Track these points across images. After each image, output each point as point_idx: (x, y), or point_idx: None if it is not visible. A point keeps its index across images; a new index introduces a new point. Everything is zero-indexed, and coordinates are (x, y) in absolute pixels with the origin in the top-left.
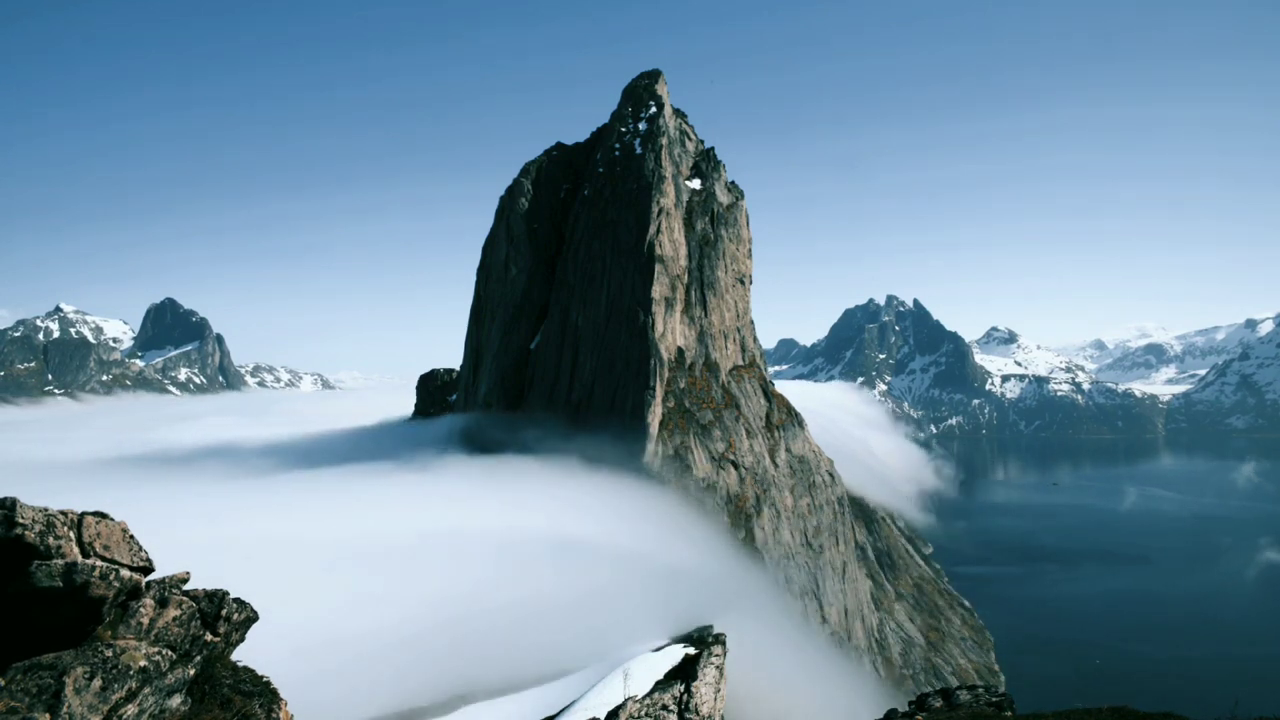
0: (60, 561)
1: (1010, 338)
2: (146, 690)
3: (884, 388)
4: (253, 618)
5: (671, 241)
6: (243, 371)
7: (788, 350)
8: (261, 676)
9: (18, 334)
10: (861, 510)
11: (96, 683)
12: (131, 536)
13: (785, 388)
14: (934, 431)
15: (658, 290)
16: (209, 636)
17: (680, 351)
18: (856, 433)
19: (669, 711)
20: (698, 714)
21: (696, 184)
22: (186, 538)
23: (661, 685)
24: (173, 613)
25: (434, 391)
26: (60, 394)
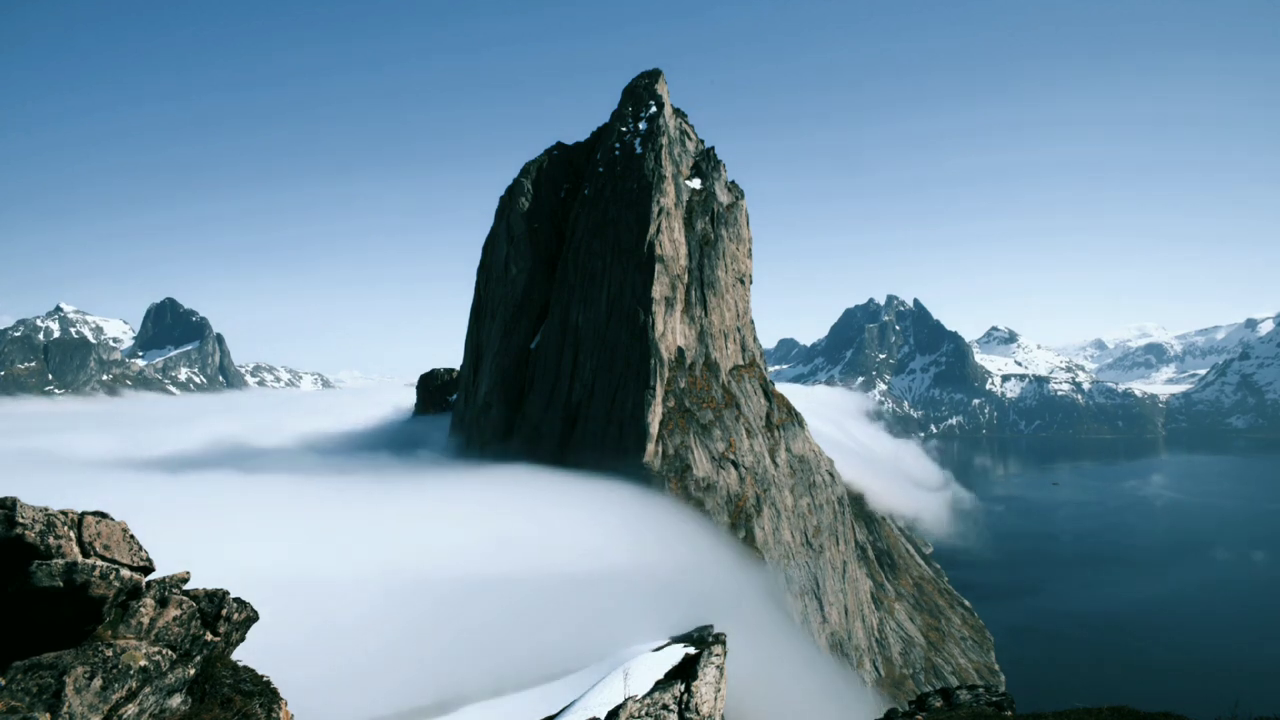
0: (60, 561)
1: (1010, 337)
2: (147, 690)
3: (884, 387)
4: (253, 617)
5: (672, 241)
6: (243, 371)
7: (788, 350)
8: (261, 676)
9: (18, 334)
10: (861, 510)
11: (97, 682)
12: (132, 536)
13: (785, 388)
14: (934, 431)
15: (658, 290)
16: (209, 636)
17: (680, 351)
18: (856, 432)
19: (669, 711)
20: (698, 714)
21: (696, 184)
22: (186, 536)
23: (661, 685)
24: (173, 612)
25: (434, 391)
26: (61, 394)
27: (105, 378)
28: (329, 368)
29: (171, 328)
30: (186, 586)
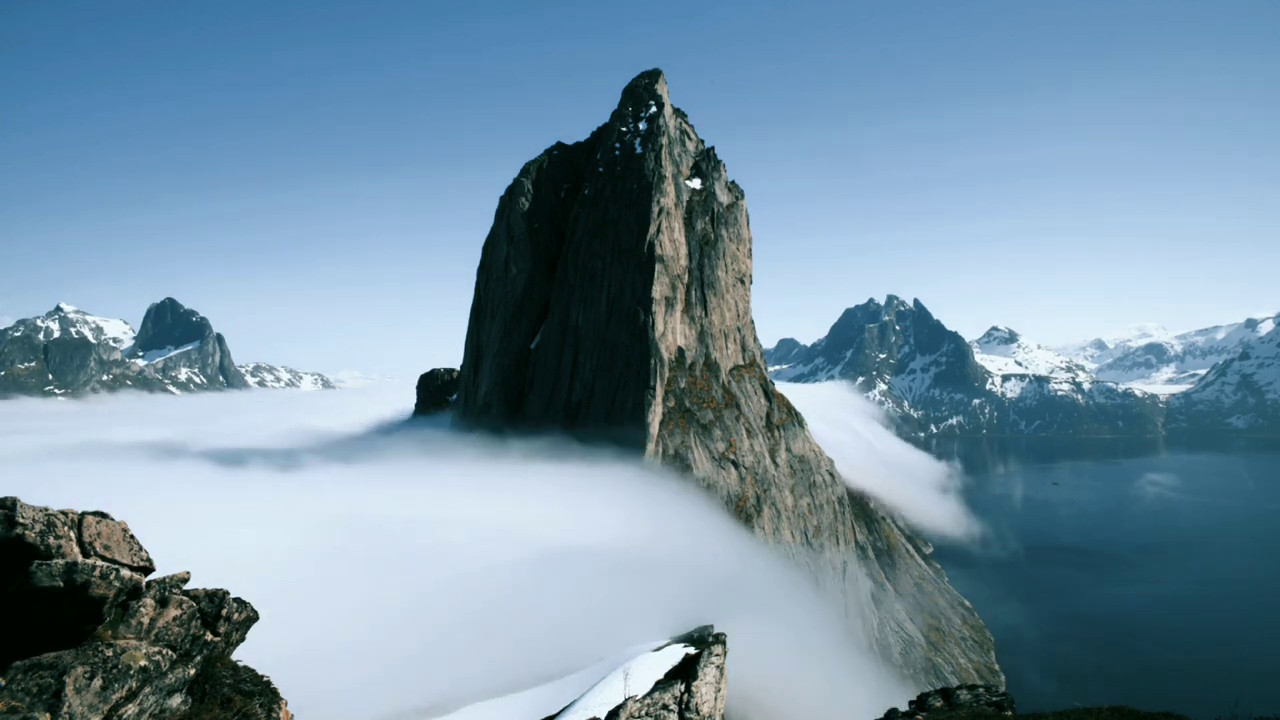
0: (61, 561)
1: (1010, 337)
2: (147, 690)
3: (884, 387)
4: (253, 617)
5: (672, 241)
6: (243, 371)
7: (788, 350)
8: (262, 676)
9: (18, 334)
10: (861, 510)
11: (97, 682)
12: (132, 536)
13: (785, 387)
14: (934, 431)
15: (658, 290)
16: (209, 636)
17: (680, 351)
18: (856, 432)
19: (669, 711)
20: (698, 714)
21: (697, 183)
22: (185, 539)
23: (662, 685)
24: (173, 612)
25: (434, 391)
26: (61, 394)
27: (105, 378)
28: (329, 368)
29: (171, 328)
30: (186, 586)
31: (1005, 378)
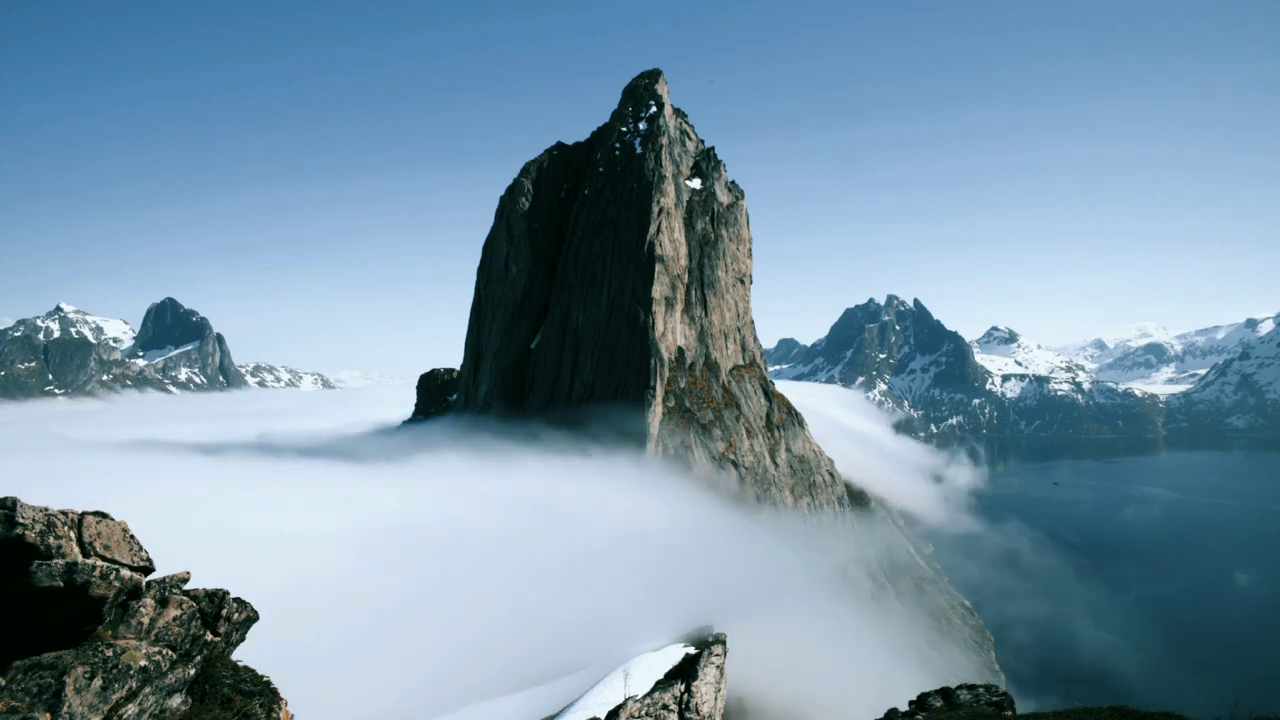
0: (61, 561)
1: (1010, 337)
2: (147, 690)
3: (884, 387)
4: (253, 617)
5: (672, 241)
6: (243, 371)
7: (788, 350)
8: (262, 676)
9: (18, 334)
10: (862, 510)
11: (97, 682)
12: (132, 536)
13: (785, 387)
14: (934, 431)
15: (658, 290)
16: (209, 636)
17: (680, 351)
18: (856, 432)
19: (669, 711)
20: (698, 714)
21: (697, 183)
22: (187, 534)
23: (662, 685)
24: (173, 612)
25: (434, 391)
26: (61, 394)
27: (105, 378)
28: (329, 368)
29: (172, 328)
30: (186, 586)
31: (1005, 378)
